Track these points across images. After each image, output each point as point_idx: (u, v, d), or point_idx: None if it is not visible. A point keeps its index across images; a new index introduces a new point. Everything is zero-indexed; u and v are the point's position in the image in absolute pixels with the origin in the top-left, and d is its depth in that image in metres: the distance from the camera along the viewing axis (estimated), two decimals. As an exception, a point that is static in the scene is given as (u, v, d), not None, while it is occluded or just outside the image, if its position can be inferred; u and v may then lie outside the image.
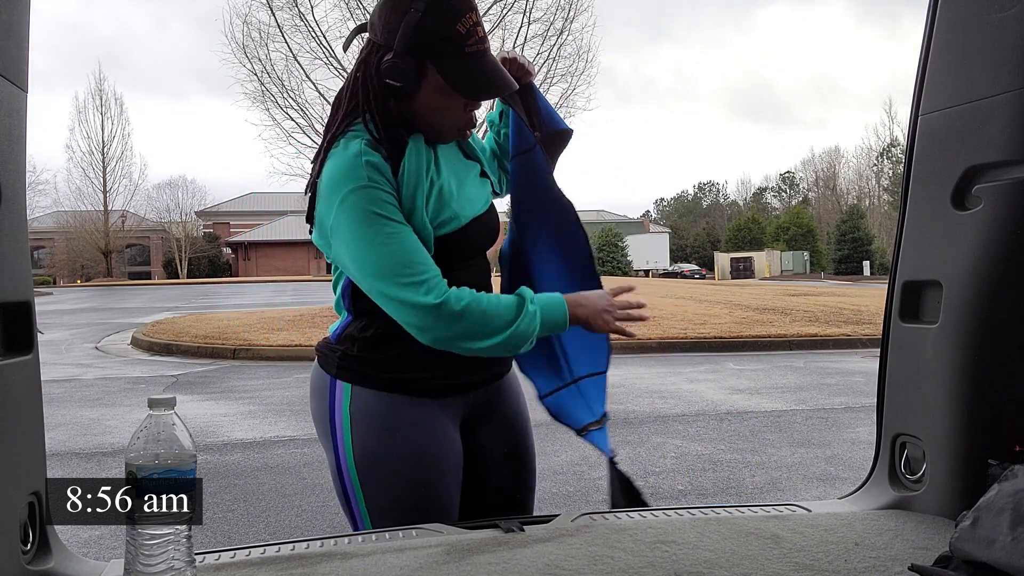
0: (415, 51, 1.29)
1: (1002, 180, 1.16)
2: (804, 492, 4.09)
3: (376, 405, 1.41)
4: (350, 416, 1.41)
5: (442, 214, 1.37)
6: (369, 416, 1.40)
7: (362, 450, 1.40)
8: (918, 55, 1.29)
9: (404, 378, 1.41)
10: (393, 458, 1.40)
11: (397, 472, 1.40)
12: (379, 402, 1.41)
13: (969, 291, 1.20)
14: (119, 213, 47.57)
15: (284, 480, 4.40)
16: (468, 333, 1.30)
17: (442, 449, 1.43)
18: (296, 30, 13.48)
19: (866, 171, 61.74)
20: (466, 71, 1.30)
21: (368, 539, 1.18)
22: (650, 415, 6.07)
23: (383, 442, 1.40)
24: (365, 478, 1.40)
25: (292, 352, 9.87)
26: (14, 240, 1.01)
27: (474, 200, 1.46)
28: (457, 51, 1.28)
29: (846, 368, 8.62)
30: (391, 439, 1.40)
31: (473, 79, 1.31)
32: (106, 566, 1.12)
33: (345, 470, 1.41)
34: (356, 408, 1.41)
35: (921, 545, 1.12)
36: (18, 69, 1.02)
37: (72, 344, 11.80)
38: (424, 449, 1.41)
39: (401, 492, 1.40)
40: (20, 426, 1.02)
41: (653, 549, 1.10)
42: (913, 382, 1.31)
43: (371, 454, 1.40)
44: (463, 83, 1.31)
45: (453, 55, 1.29)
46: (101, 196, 45.93)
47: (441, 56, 1.29)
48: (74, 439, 5.41)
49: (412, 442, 1.40)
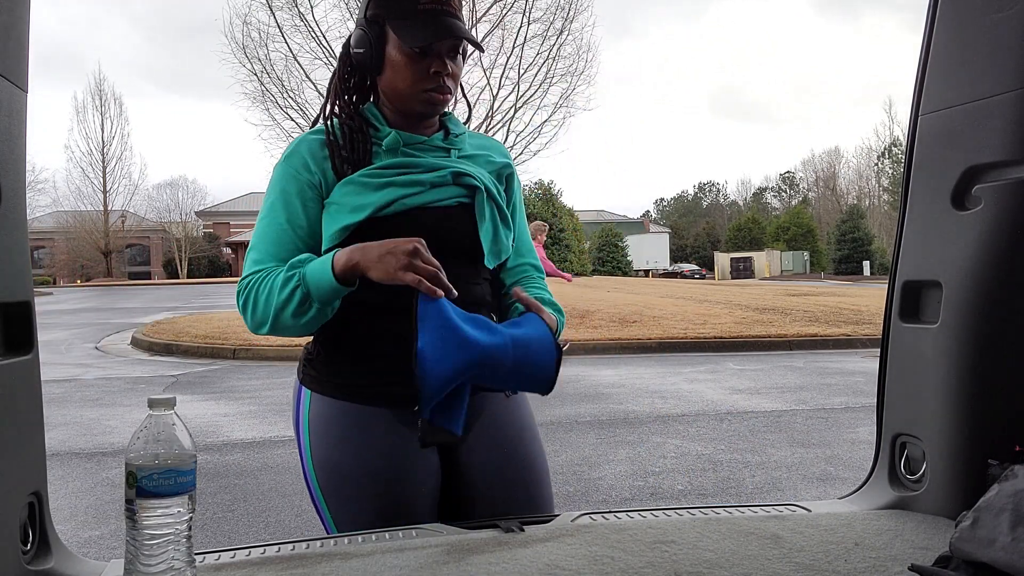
0: (376, 18, 1.33)
1: (1002, 180, 1.16)
2: (804, 492, 4.09)
3: (330, 413, 1.33)
4: (308, 424, 1.36)
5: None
6: (324, 425, 1.34)
7: (319, 460, 1.34)
8: (918, 55, 1.29)
9: (357, 384, 1.32)
10: (350, 470, 1.31)
11: (356, 486, 1.31)
12: (333, 410, 1.33)
13: (969, 291, 1.20)
14: (119, 213, 47.61)
15: (284, 480, 4.40)
16: (255, 316, 1.24)
17: (402, 463, 1.32)
18: (296, 30, 13.53)
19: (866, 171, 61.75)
20: (415, 24, 1.30)
21: (368, 539, 1.18)
22: (650, 415, 6.07)
23: (339, 453, 1.32)
24: (325, 490, 1.33)
25: (292, 352, 9.87)
26: (14, 240, 1.01)
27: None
28: (411, 8, 1.30)
29: (846, 368, 8.62)
30: (346, 450, 1.32)
31: (420, 28, 1.30)
32: (106, 566, 1.12)
33: (310, 481, 1.36)
34: (313, 416, 1.35)
35: (921, 545, 1.12)
36: (18, 69, 1.02)
37: (72, 344, 11.80)
38: (381, 462, 1.31)
39: (360, 507, 1.32)
40: (20, 426, 1.02)
41: (653, 549, 1.10)
42: (913, 382, 1.31)
43: (328, 465, 1.33)
44: (410, 33, 1.30)
45: (407, 12, 1.31)
46: (101, 196, 45.96)
47: (396, 15, 1.31)
48: (74, 439, 5.41)
49: (368, 454, 1.31)
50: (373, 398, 1.32)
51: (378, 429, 1.32)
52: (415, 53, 1.31)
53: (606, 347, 10.06)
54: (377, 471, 1.31)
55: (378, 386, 1.31)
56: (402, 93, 1.35)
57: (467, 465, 1.39)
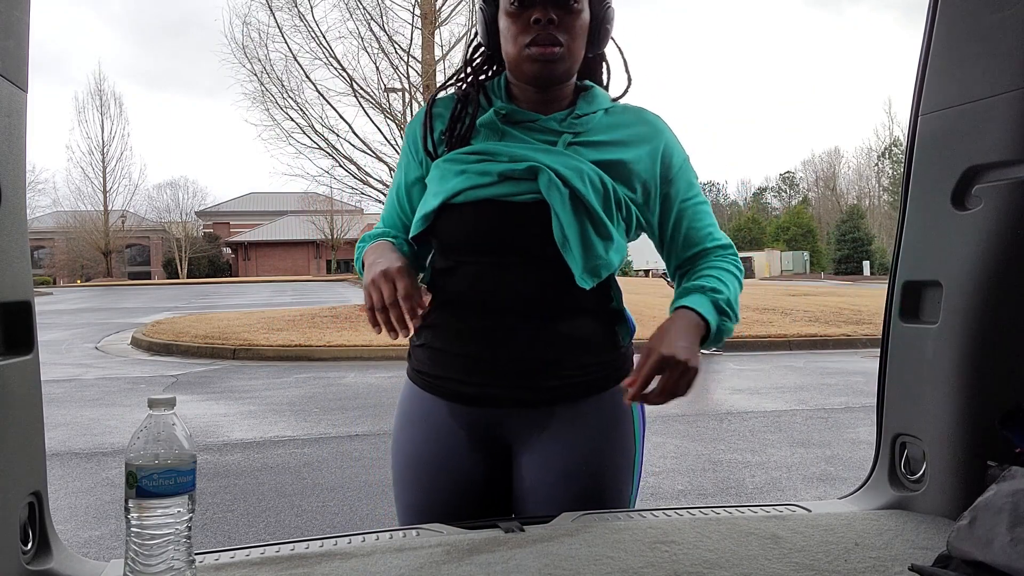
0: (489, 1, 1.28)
1: (1002, 180, 1.16)
2: (804, 492, 4.09)
3: (405, 393, 1.37)
4: (397, 407, 1.40)
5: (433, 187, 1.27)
6: (400, 404, 1.37)
7: (392, 437, 1.39)
8: (918, 55, 1.29)
9: (422, 371, 1.33)
10: (399, 450, 1.35)
11: (401, 466, 1.35)
12: (406, 391, 1.36)
13: (969, 291, 1.20)
14: (119, 213, 47.59)
15: (284, 480, 4.40)
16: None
17: (441, 455, 1.30)
18: (296, 30, 13.50)
19: (866, 171, 61.75)
20: None
21: (368, 539, 1.17)
22: (650, 415, 6.05)
23: (398, 432, 1.36)
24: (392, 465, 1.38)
25: (292, 352, 9.87)
26: (14, 240, 1.01)
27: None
28: None
29: (846, 368, 8.62)
30: (403, 430, 1.35)
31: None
32: (106, 566, 1.12)
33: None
34: (400, 399, 1.39)
35: (921, 545, 1.12)
36: (18, 69, 1.02)
37: (72, 344, 11.80)
38: (422, 448, 1.31)
39: (401, 489, 1.36)
40: (20, 426, 1.02)
41: (653, 549, 1.10)
42: (913, 382, 1.31)
43: (393, 442, 1.37)
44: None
45: None
46: (101, 196, 45.94)
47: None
48: (74, 439, 5.41)
49: (415, 437, 1.32)
50: (433, 387, 1.31)
51: (432, 417, 1.32)
52: (515, 8, 1.21)
53: (606, 347, 10.05)
54: (419, 456, 1.32)
55: (438, 377, 1.30)
56: (512, 57, 1.23)
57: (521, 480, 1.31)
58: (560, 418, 1.27)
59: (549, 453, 1.27)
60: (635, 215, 1.27)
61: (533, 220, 1.20)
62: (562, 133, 1.25)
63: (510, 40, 1.22)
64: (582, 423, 1.27)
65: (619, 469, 1.30)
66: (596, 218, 1.20)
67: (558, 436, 1.27)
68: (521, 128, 1.25)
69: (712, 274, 1.26)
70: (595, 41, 1.28)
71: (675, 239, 1.31)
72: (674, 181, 1.29)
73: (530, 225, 1.20)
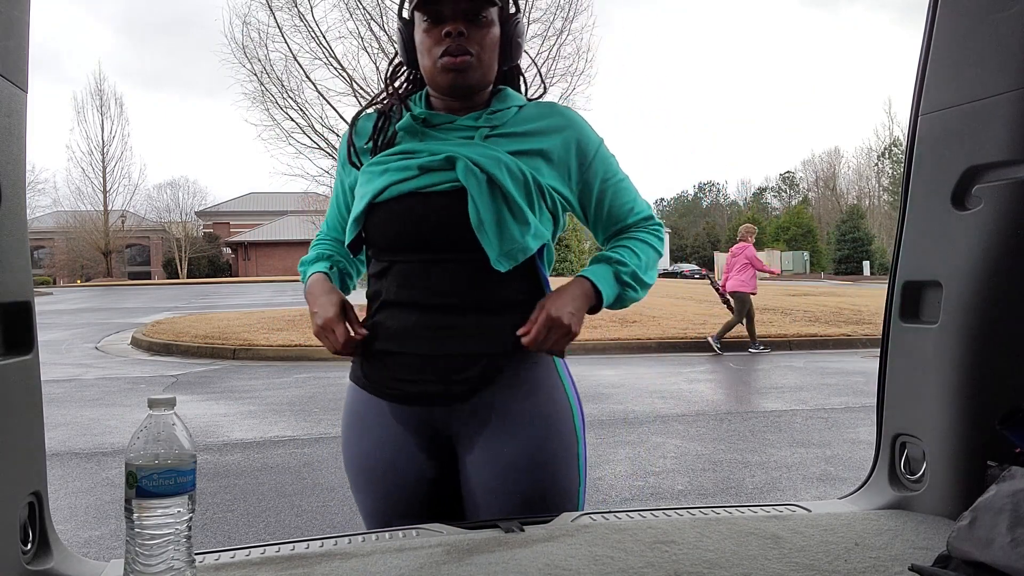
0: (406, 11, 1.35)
1: (1002, 180, 1.16)
2: (804, 492, 4.09)
3: (350, 397, 1.40)
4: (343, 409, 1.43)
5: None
6: (346, 407, 1.41)
7: (341, 443, 1.42)
8: (918, 55, 1.29)
9: (363, 372, 1.36)
10: (351, 458, 1.39)
11: (355, 474, 1.38)
12: (351, 395, 1.40)
13: (969, 291, 1.20)
14: (119, 213, 47.61)
15: (284, 480, 4.40)
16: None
17: (391, 459, 1.33)
18: (296, 30, 13.47)
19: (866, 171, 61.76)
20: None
21: (368, 539, 1.18)
22: (650, 415, 6.07)
23: (346, 439, 1.40)
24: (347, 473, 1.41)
25: (292, 352, 9.87)
26: (14, 240, 1.01)
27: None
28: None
29: (846, 368, 8.62)
30: (350, 437, 1.38)
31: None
32: (106, 566, 1.12)
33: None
34: (345, 399, 1.43)
35: (921, 545, 1.12)
36: (18, 69, 1.02)
37: (72, 344, 11.80)
38: (374, 454, 1.34)
39: (362, 497, 1.38)
40: (20, 426, 1.02)
41: (653, 549, 1.10)
42: (913, 382, 1.31)
43: (344, 448, 1.40)
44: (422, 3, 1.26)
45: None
46: (101, 196, 45.96)
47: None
48: (74, 439, 5.41)
49: (363, 444, 1.36)
50: (374, 388, 1.34)
51: (374, 419, 1.35)
52: (428, 24, 1.27)
53: (606, 347, 10.05)
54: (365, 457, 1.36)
55: (378, 378, 1.33)
56: (428, 69, 1.30)
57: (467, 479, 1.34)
58: (499, 413, 1.30)
59: (492, 448, 1.30)
60: (558, 201, 1.32)
61: (453, 207, 1.25)
62: (479, 128, 1.31)
63: (425, 53, 1.29)
64: (520, 417, 1.30)
65: (563, 461, 1.32)
66: (513, 203, 1.25)
67: (499, 431, 1.30)
68: (439, 130, 1.32)
69: (625, 244, 1.36)
70: (507, 54, 1.35)
71: (599, 217, 1.38)
72: (591, 165, 1.35)
73: (451, 212, 1.25)
